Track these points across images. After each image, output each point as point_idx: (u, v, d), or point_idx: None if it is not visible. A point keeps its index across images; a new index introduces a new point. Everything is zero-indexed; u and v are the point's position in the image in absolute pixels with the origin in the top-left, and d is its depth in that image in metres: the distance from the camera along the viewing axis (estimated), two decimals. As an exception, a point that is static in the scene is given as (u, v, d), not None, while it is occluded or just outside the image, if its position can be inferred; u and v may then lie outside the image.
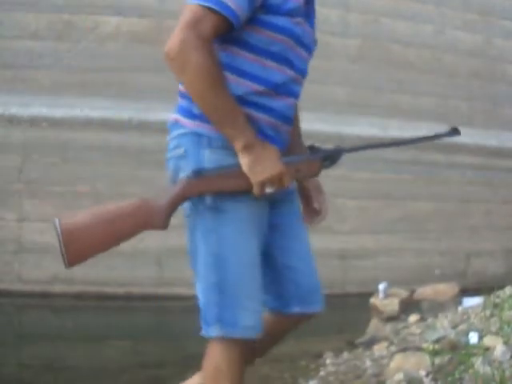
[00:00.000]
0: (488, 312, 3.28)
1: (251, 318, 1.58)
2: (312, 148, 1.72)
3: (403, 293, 3.99)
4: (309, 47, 1.73)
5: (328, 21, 5.70)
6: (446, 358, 2.74)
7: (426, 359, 2.77)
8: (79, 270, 5.67)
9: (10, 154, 5.07)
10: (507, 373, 2.43)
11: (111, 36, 5.25)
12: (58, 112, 5.11)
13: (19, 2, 5.14)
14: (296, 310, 1.75)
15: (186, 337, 1.81)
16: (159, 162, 5.92)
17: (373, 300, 3.93)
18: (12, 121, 5.07)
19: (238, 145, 1.52)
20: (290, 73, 1.66)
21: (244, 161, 1.53)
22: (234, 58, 1.59)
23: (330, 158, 1.70)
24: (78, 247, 1.58)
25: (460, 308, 3.80)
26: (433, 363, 2.70)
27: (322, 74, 5.65)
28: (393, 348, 3.25)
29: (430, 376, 2.62)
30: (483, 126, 6.26)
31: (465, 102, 6.24)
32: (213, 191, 1.56)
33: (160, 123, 5.31)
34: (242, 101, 1.56)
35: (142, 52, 5.29)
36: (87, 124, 5.13)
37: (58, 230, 1.53)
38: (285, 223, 1.76)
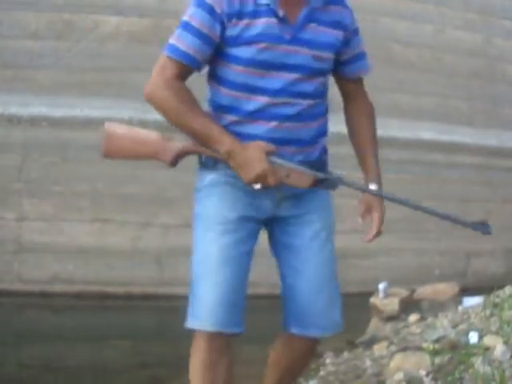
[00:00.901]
0: (488, 312, 3.28)
1: (207, 311, 1.66)
2: (316, 164, 1.77)
3: (403, 292, 3.99)
4: (295, 67, 1.74)
5: (328, 20, 5.70)
6: (446, 357, 2.74)
7: (426, 359, 2.77)
8: (79, 270, 5.67)
9: (10, 154, 5.06)
10: (507, 372, 2.43)
11: (111, 36, 5.25)
12: (58, 112, 5.11)
13: (19, 2, 5.13)
14: (293, 330, 1.77)
15: (185, 337, 1.80)
16: (159, 162, 5.90)
17: (373, 300, 3.93)
18: (12, 120, 5.07)
19: (222, 154, 1.68)
20: (264, 99, 1.73)
21: (231, 164, 1.68)
22: (213, 93, 1.81)
23: (326, 181, 1.76)
24: (112, 145, 2.01)
25: (460, 308, 3.80)
26: (433, 363, 2.69)
27: (322, 74, 5.66)
28: (393, 348, 3.24)
29: (430, 376, 2.62)
30: (483, 125, 6.26)
31: (465, 101, 6.23)
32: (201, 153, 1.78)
33: (160, 123, 5.32)
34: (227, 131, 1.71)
35: (142, 52, 5.28)
36: (87, 124, 5.13)
37: (105, 127, 1.99)
38: (299, 244, 1.80)
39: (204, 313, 1.67)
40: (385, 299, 3.83)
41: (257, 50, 1.70)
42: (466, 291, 4.47)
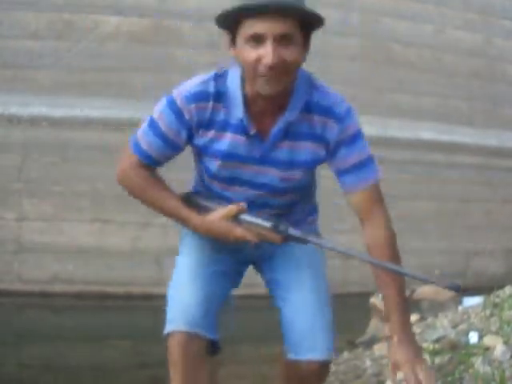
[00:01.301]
0: (488, 312, 3.27)
1: (180, 312, 1.67)
2: (279, 223, 1.61)
3: (403, 292, 3.98)
4: (260, 186, 1.67)
5: (328, 20, 5.69)
6: (446, 357, 2.74)
7: (426, 359, 2.76)
8: (79, 270, 5.66)
9: (10, 154, 5.07)
10: (507, 373, 2.43)
11: (111, 36, 5.25)
12: (58, 112, 5.11)
13: (19, 2, 5.14)
14: (291, 356, 1.73)
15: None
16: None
17: (373, 300, 3.93)
18: (12, 120, 5.07)
19: (190, 227, 1.69)
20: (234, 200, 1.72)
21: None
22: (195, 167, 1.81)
23: (293, 239, 1.62)
24: None
25: (460, 308, 3.79)
26: (433, 363, 2.69)
27: (322, 74, 5.65)
28: (393, 348, 3.24)
29: (430, 376, 2.62)
30: (483, 125, 6.26)
31: (465, 101, 6.23)
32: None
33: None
34: None
35: (142, 52, 5.29)
36: (87, 124, 5.13)
37: None
38: (284, 278, 1.79)
39: (177, 313, 1.68)
40: (385, 299, 3.82)
41: (220, 165, 1.64)
42: (466, 291, 4.46)
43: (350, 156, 1.64)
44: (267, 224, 1.60)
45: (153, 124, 1.65)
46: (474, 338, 2.92)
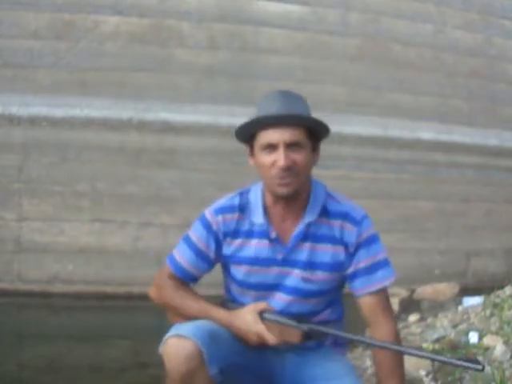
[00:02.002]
0: (488, 312, 3.28)
1: (185, 329, 1.70)
2: (301, 320, 1.72)
3: (403, 292, 3.99)
4: (287, 289, 1.77)
5: (328, 20, 5.70)
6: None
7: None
8: (79, 270, 5.66)
9: (10, 154, 5.06)
10: (507, 373, 2.43)
11: (111, 35, 5.24)
12: (58, 111, 5.11)
13: (19, 2, 5.13)
14: None
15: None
16: (159, 162, 5.92)
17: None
18: (12, 120, 5.07)
19: (216, 321, 1.75)
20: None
21: (234, 333, 1.75)
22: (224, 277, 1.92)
23: (315, 334, 1.72)
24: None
25: (460, 308, 3.79)
26: (433, 363, 2.69)
27: (322, 74, 5.65)
28: (393, 348, 3.23)
29: (430, 376, 2.62)
30: (483, 125, 6.25)
31: (465, 101, 6.23)
32: None
33: (159, 123, 5.34)
34: None
35: (142, 52, 5.28)
36: (87, 123, 5.13)
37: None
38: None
39: (182, 329, 1.70)
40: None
41: (247, 272, 1.78)
42: (466, 291, 4.47)
43: (363, 258, 1.77)
44: (291, 321, 1.70)
45: (187, 239, 1.86)
46: (473, 337, 2.92)
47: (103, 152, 5.17)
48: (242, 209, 1.80)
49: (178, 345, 1.65)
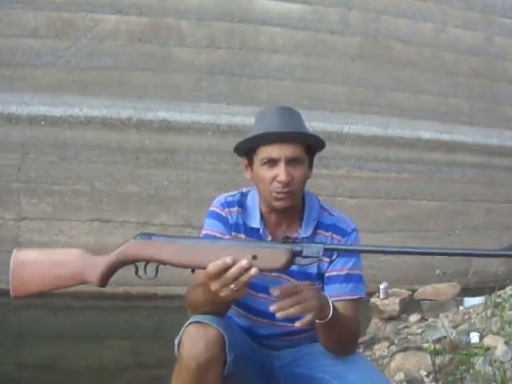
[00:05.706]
0: (489, 312, 3.27)
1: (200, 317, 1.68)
2: (287, 238, 1.57)
3: (404, 292, 3.97)
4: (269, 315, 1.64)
5: (328, 19, 5.69)
6: (447, 357, 2.73)
7: (427, 359, 2.76)
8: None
9: (9, 153, 5.05)
10: (508, 373, 2.42)
11: (110, 34, 5.23)
12: (57, 110, 5.09)
13: (18, 0, 5.12)
14: None
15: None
16: (158, 161, 5.90)
17: (373, 300, 3.91)
18: (11, 119, 5.06)
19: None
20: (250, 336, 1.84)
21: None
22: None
23: (307, 251, 1.54)
24: (24, 277, 1.72)
25: (461, 308, 3.78)
26: (434, 363, 2.68)
27: (322, 73, 5.64)
28: (393, 348, 3.23)
29: (431, 376, 2.61)
30: (484, 124, 6.24)
31: (465, 100, 6.21)
32: (148, 259, 1.76)
33: (159, 122, 5.33)
34: None
35: (141, 50, 5.27)
36: (86, 122, 5.12)
37: (12, 260, 1.66)
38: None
39: (200, 318, 1.67)
40: (385, 299, 3.81)
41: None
42: (467, 291, 4.45)
43: (342, 266, 1.80)
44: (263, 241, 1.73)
45: (206, 236, 1.83)
46: (475, 338, 2.91)
47: (102, 151, 5.16)
48: (241, 206, 1.86)
49: (200, 330, 1.63)
